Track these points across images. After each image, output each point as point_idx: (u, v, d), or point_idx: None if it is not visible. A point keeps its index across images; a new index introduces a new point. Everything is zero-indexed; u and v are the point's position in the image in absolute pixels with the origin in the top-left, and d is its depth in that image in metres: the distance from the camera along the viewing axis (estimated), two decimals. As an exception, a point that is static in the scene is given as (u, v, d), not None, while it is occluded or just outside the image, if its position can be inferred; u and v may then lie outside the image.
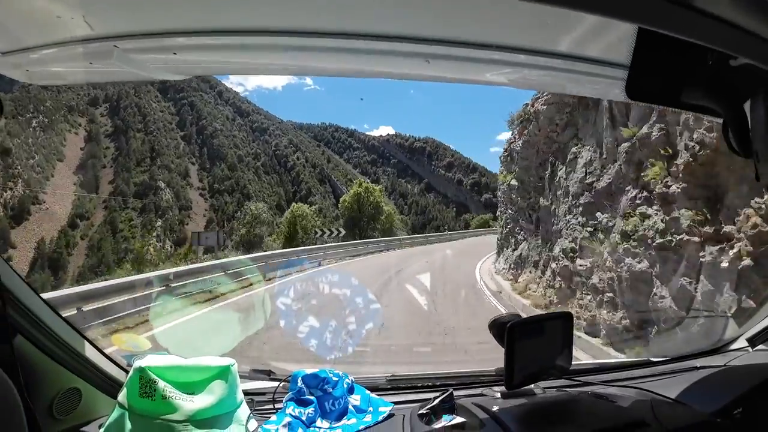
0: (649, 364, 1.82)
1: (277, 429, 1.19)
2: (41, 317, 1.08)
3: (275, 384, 1.44)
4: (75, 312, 6.13)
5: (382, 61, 1.30)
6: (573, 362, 1.42)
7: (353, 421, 1.29)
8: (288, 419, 1.21)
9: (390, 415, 1.34)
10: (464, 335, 6.51)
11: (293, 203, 58.47)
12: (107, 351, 1.32)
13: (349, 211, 53.39)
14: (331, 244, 24.16)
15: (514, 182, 12.71)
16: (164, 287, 9.23)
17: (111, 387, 1.27)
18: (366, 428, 1.27)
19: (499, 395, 1.39)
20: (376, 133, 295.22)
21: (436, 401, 1.29)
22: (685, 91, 0.93)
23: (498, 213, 17.16)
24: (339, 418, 1.30)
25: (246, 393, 1.39)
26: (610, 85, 1.23)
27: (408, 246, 31.84)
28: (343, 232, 26.44)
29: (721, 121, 0.97)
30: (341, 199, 57.92)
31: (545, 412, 1.29)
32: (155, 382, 1.15)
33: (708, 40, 0.71)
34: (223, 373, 1.24)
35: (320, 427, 1.24)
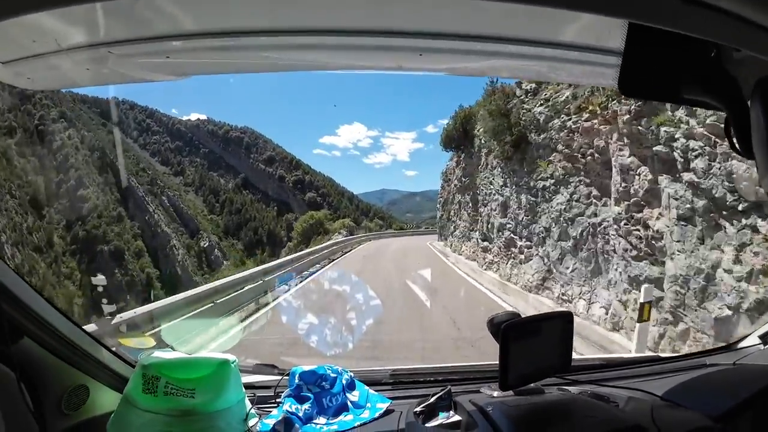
0: (658, 360, 1.80)
1: (274, 425, 1.22)
2: (46, 318, 1.11)
3: (278, 378, 1.48)
4: None
5: (376, 55, 1.31)
6: (580, 357, 1.39)
7: (350, 417, 1.31)
8: (284, 415, 1.24)
9: (387, 412, 1.35)
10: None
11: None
12: (113, 348, 1.37)
13: None
14: None
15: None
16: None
17: (117, 383, 1.31)
18: (362, 424, 1.28)
19: (495, 393, 1.38)
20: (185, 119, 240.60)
21: (434, 398, 1.30)
22: (684, 86, 0.86)
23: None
24: (336, 414, 1.32)
25: (251, 386, 1.44)
26: (604, 73, 1.22)
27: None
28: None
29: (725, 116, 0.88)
30: None
31: (539, 412, 1.28)
32: (158, 378, 1.19)
33: (703, 33, 0.66)
34: (223, 369, 1.27)
35: (317, 423, 1.26)
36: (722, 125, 0.85)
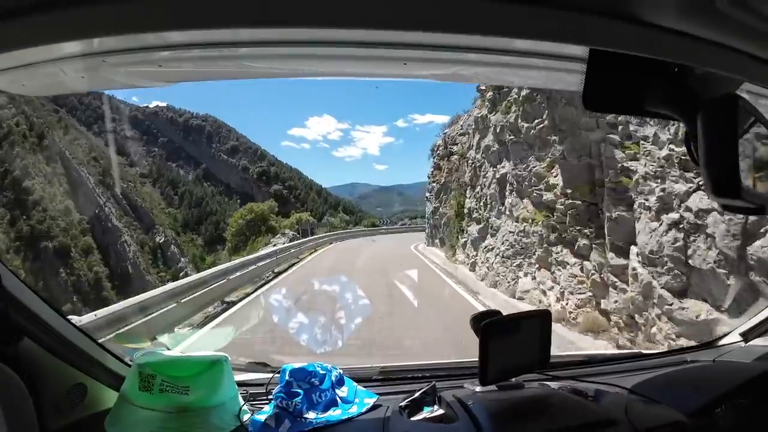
0: (639, 357, 1.84)
1: (266, 419, 1.27)
2: (45, 318, 1.14)
3: (270, 375, 1.52)
4: None
5: (361, 65, 1.35)
6: (565, 353, 1.45)
7: (338, 412, 1.36)
8: (276, 410, 1.29)
9: (375, 406, 1.41)
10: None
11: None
12: (110, 347, 1.40)
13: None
14: None
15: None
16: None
17: (114, 381, 1.35)
18: (350, 418, 1.34)
19: (477, 389, 1.43)
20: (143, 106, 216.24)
21: (419, 393, 1.37)
22: (647, 99, 0.86)
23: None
24: (326, 409, 1.37)
25: (243, 384, 1.49)
26: (574, 77, 1.27)
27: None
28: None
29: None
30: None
31: (516, 406, 1.33)
32: (153, 376, 1.24)
33: (662, 54, 0.69)
34: (216, 366, 1.32)
35: (307, 418, 1.30)
36: None
